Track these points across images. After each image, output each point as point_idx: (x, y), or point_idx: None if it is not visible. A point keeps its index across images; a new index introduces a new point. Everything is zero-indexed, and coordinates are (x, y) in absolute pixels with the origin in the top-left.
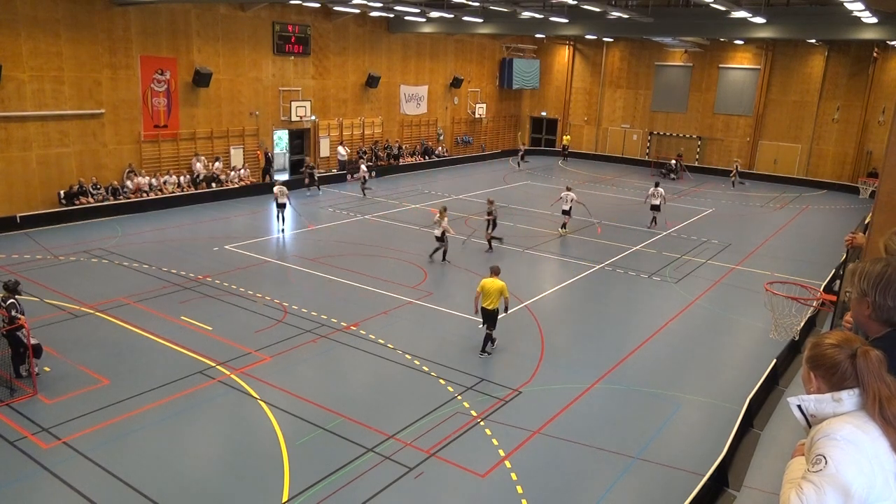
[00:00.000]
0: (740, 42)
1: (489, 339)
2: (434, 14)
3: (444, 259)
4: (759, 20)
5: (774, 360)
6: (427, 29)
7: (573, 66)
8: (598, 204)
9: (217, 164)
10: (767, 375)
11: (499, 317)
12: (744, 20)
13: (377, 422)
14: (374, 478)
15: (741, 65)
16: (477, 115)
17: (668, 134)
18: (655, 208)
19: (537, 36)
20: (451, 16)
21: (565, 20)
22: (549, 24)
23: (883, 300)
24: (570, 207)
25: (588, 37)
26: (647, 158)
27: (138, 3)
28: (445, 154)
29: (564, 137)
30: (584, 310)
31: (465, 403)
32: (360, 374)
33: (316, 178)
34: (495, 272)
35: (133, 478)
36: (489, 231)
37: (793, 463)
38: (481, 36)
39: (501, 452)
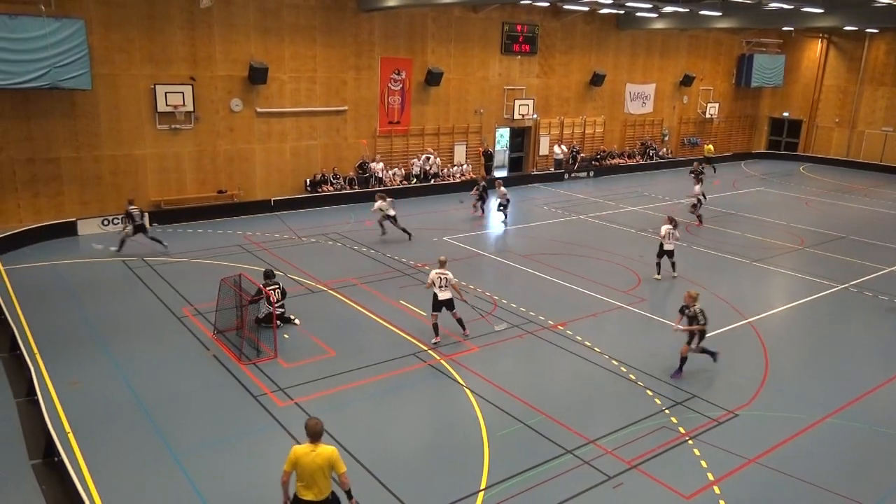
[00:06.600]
0: None
1: None
2: (667, 9)
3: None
4: None
5: None
6: (659, 25)
7: (825, 62)
8: (845, 217)
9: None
10: None
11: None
12: None
13: (578, 424)
14: (572, 481)
15: None
16: (708, 115)
17: None
18: None
19: (784, 29)
20: (686, 10)
21: (820, 10)
22: (800, 15)
23: None
24: (394, 214)
25: (847, 28)
26: None
27: (382, 9)
28: (669, 155)
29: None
30: (819, 333)
31: (672, 419)
32: (564, 374)
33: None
34: (313, 434)
35: (349, 445)
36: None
37: None
38: (718, 31)
39: (710, 476)
